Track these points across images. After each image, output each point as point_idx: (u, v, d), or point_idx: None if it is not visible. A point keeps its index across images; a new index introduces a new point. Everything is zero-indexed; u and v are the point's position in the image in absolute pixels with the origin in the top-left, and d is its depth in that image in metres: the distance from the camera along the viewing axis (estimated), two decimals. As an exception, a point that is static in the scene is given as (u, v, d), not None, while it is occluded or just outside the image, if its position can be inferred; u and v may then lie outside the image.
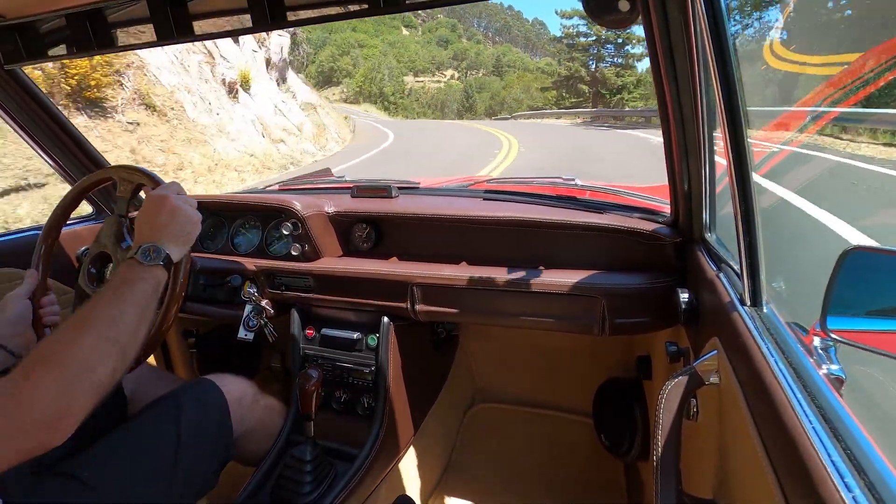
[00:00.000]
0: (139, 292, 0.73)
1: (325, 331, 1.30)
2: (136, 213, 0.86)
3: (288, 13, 0.84)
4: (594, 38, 34.32)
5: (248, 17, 0.87)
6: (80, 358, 0.62)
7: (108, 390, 0.65)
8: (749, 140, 0.64)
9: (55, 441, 0.58)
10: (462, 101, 68.39)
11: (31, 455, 0.57)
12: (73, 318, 0.66)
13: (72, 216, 1.12)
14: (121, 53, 7.54)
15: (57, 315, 0.99)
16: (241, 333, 1.17)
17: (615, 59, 35.17)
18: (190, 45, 9.57)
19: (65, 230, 1.05)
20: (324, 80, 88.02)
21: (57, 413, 0.58)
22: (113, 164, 1.16)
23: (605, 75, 34.45)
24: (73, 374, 0.60)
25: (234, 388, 1.04)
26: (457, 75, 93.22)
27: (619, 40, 33.48)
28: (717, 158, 0.82)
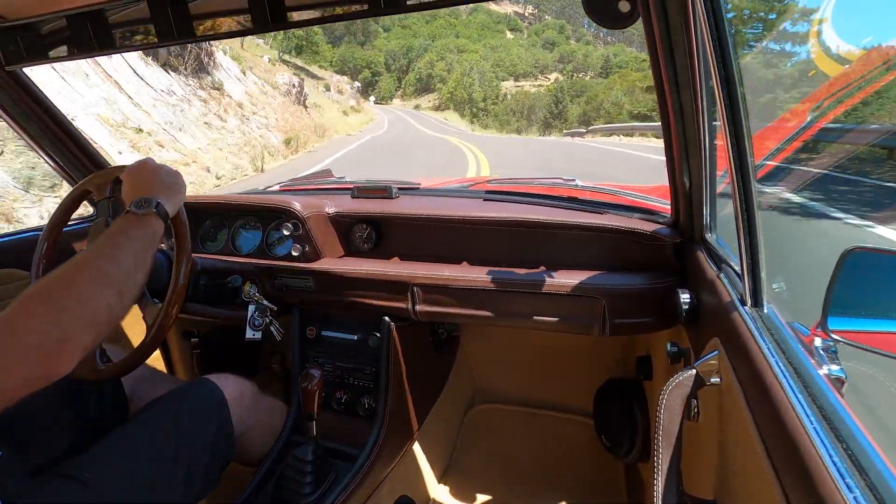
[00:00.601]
0: (135, 238, 0.75)
1: (325, 331, 1.30)
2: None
3: (288, 14, 0.84)
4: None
5: (248, 17, 0.87)
6: (75, 292, 0.63)
7: (109, 325, 0.65)
8: (750, 139, 0.64)
9: (58, 370, 0.58)
10: (550, 108, 56.90)
11: (38, 386, 0.57)
12: (69, 261, 0.67)
13: (72, 217, 1.12)
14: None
15: None
16: (249, 334, 1.17)
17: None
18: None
19: (65, 231, 1.06)
20: (421, 88, 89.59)
21: (54, 340, 0.58)
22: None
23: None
24: (67, 306, 0.61)
25: (234, 388, 1.04)
26: (561, 78, 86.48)
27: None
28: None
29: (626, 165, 10.89)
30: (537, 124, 53.93)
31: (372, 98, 69.66)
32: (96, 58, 7.68)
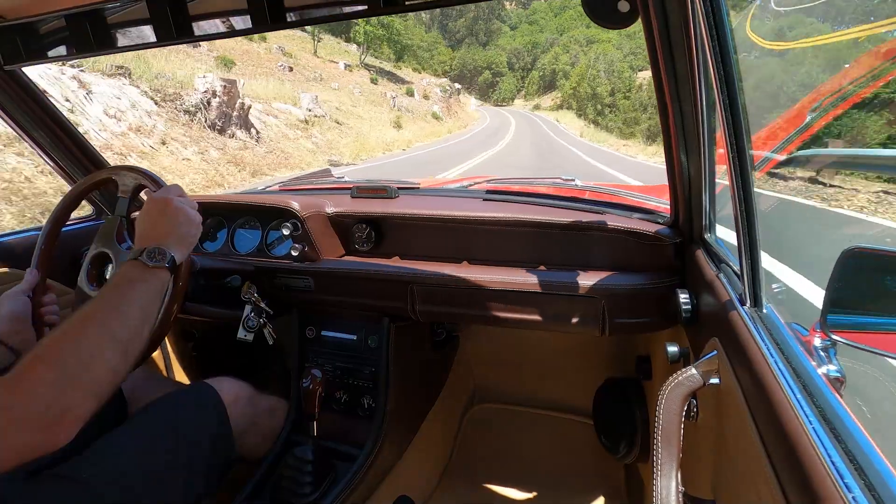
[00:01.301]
0: (143, 292, 0.72)
1: (325, 331, 1.30)
2: (136, 213, 0.86)
3: (287, 14, 0.84)
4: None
5: (247, 17, 0.87)
6: (82, 356, 0.61)
7: (111, 390, 0.64)
8: (749, 139, 0.64)
9: (57, 441, 0.57)
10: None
11: (34, 455, 0.56)
12: (74, 315, 0.66)
13: (72, 216, 1.12)
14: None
15: (57, 314, 0.99)
16: (241, 334, 1.17)
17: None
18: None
19: (65, 230, 1.06)
20: (545, 86, 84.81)
21: (57, 411, 0.57)
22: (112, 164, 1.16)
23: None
24: (73, 373, 0.60)
25: (231, 390, 1.04)
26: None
27: None
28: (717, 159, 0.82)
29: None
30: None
31: (473, 101, 63.46)
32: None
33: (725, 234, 0.86)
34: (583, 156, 18.93)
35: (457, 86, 52.17)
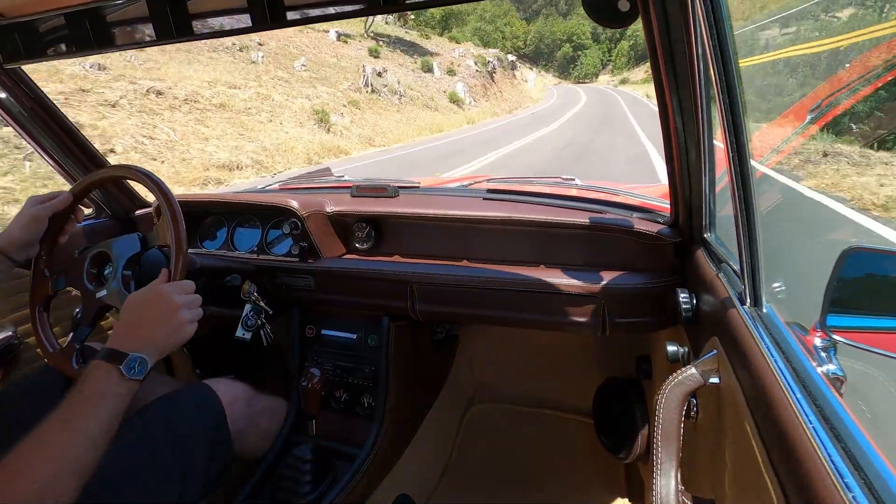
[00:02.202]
0: (113, 409, 0.70)
1: (325, 330, 1.30)
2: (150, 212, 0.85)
3: (287, 13, 0.84)
4: None
5: (247, 15, 0.87)
6: (36, 479, 0.61)
7: None
8: (749, 139, 0.64)
9: None
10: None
11: None
12: (39, 438, 0.64)
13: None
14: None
15: (66, 235, 1.01)
16: (239, 332, 1.17)
17: None
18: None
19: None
20: (637, 57, 71.91)
21: None
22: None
23: None
24: (24, 496, 0.59)
25: (229, 390, 1.04)
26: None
27: None
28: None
29: None
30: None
31: (531, 77, 51.46)
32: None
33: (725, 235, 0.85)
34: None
35: (511, 57, 41.74)
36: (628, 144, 11.36)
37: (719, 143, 0.69)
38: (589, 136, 13.44)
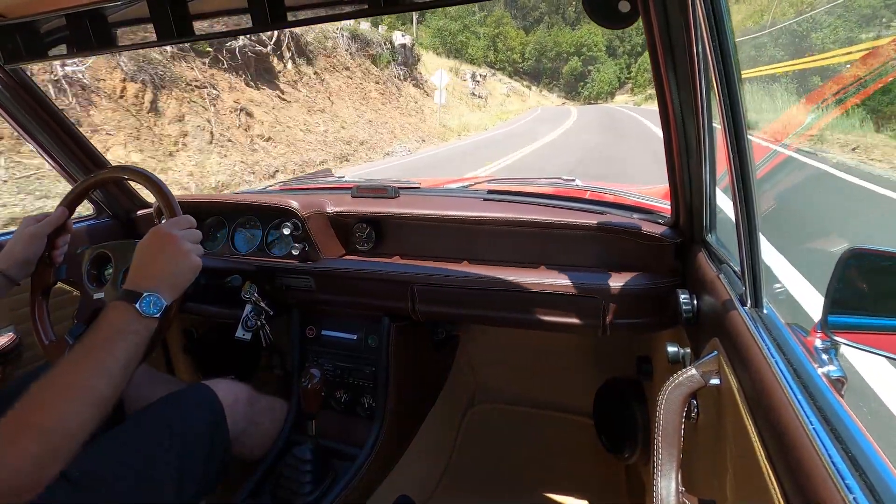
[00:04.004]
0: (132, 346, 0.71)
1: (325, 331, 1.30)
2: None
3: (288, 13, 0.84)
4: None
5: (248, 16, 0.87)
6: (67, 427, 0.63)
7: (79, 447, 0.65)
8: (749, 140, 0.64)
9: (27, 497, 0.59)
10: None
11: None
12: (61, 373, 0.66)
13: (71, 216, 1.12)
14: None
15: (63, 254, 1.02)
16: (239, 333, 1.18)
17: None
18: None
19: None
20: None
21: (29, 482, 0.59)
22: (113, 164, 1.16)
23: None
24: (58, 444, 0.61)
25: (230, 391, 1.04)
26: None
27: None
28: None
29: None
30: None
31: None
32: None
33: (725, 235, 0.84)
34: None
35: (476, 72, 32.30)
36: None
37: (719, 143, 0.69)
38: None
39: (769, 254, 3.25)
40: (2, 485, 0.57)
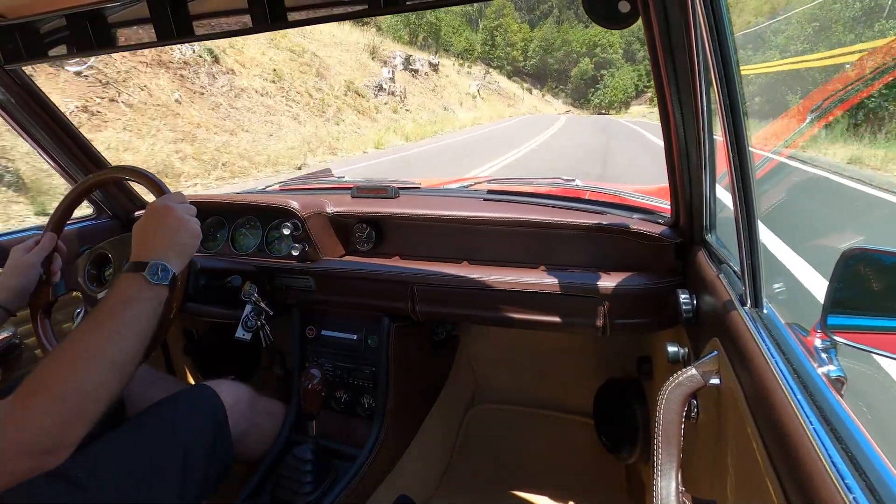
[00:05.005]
0: (143, 313, 0.72)
1: (325, 331, 1.30)
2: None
3: (288, 14, 0.84)
4: None
5: (248, 17, 0.87)
6: (81, 387, 0.63)
7: (107, 409, 0.66)
8: (749, 140, 0.64)
9: (51, 465, 0.60)
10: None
11: (29, 476, 0.58)
12: (74, 341, 0.67)
13: (72, 216, 1.12)
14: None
15: (58, 275, 1.02)
16: (239, 333, 1.18)
17: None
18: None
19: (65, 230, 1.06)
20: None
21: (56, 439, 0.59)
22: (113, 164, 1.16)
23: None
24: (73, 403, 0.62)
25: (232, 393, 1.04)
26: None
27: None
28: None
29: None
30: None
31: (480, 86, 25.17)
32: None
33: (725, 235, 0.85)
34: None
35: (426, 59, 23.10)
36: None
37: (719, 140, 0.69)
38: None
39: (780, 249, 3.23)
40: (28, 446, 0.57)
